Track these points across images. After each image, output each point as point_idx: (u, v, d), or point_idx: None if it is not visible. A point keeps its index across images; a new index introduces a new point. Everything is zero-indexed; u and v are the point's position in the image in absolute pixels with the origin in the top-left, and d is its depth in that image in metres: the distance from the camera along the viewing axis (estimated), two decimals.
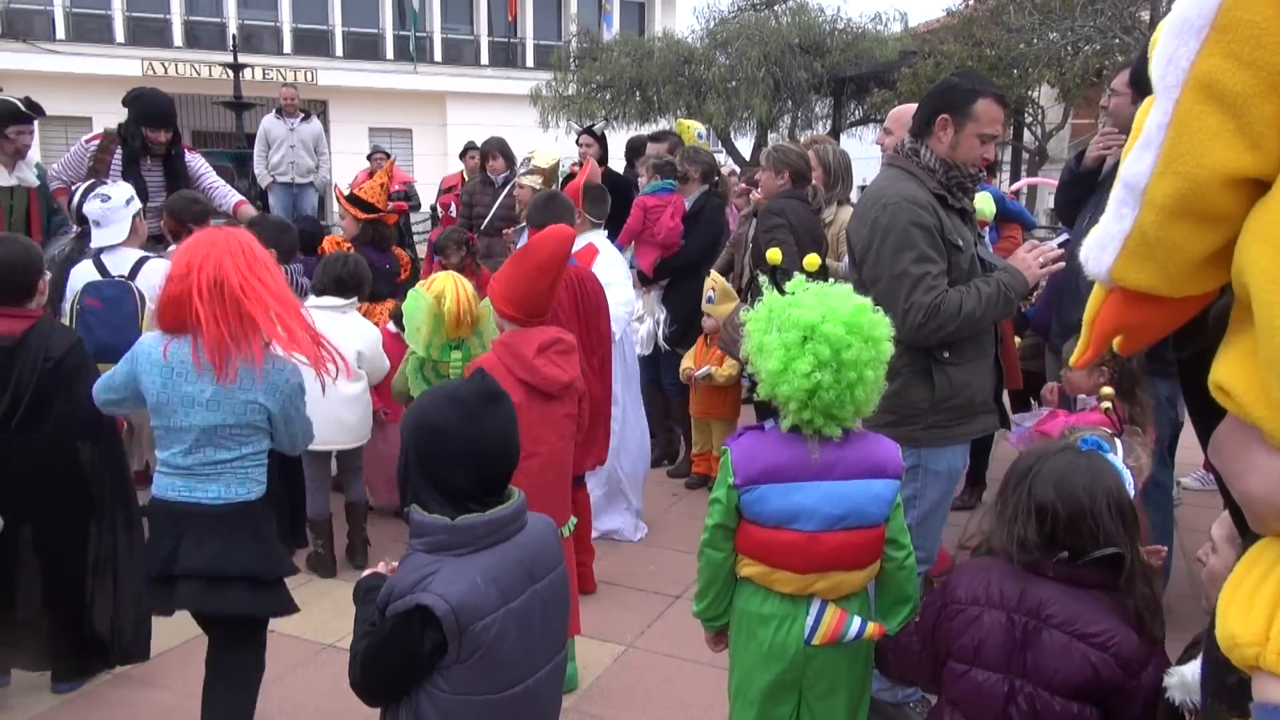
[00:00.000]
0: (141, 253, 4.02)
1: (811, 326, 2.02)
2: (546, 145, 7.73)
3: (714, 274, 5.23)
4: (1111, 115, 3.72)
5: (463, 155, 10.09)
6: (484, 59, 25.97)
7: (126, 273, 4.03)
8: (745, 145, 19.93)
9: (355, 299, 4.42)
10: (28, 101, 5.27)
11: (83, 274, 4.09)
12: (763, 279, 2.26)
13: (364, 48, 24.80)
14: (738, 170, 11.10)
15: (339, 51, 24.42)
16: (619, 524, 4.75)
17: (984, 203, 5.41)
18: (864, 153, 11.80)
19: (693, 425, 5.57)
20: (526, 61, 25.94)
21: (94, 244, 4.13)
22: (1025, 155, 17.55)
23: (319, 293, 4.34)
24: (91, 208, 4.11)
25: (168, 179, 5.56)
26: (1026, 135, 17.39)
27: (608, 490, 4.69)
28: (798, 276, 2.17)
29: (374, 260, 5.14)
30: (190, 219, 4.62)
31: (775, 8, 20.03)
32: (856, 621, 2.18)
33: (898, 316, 2.77)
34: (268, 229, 4.49)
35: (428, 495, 1.80)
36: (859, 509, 2.14)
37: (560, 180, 7.34)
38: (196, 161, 5.79)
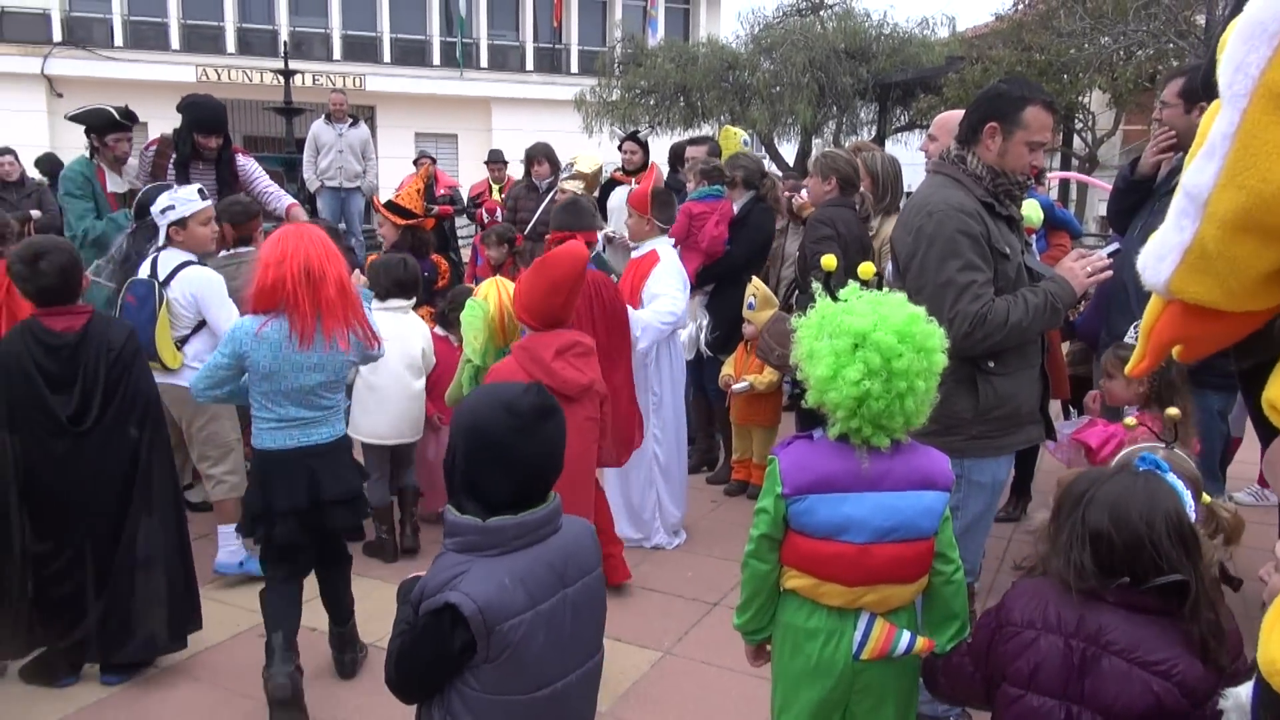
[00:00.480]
0: (188, 257, 4.11)
1: (863, 334, 2.00)
2: (588, 151, 7.77)
3: (755, 280, 5.20)
4: (1167, 129, 3.64)
5: (488, 165, 10.24)
6: (529, 65, 26.15)
7: (164, 275, 4.10)
8: (789, 151, 19.85)
9: (414, 299, 4.60)
10: (124, 111, 5.45)
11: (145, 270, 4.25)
12: (816, 285, 2.24)
13: (411, 54, 25.10)
14: (780, 174, 11.05)
15: (387, 58, 24.75)
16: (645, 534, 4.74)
17: (1031, 210, 5.32)
18: (909, 159, 11.69)
19: (733, 432, 5.55)
20: (571, 67, 26.07)
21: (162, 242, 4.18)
22: (1075, 162, 17.26)
23: (383, 296, 4.47)
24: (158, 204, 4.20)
25: (219, 183, 5.67)
26: (1076, 141, 17.12)
27: (641, 496, 4.68)
28: (851, 284, 2.15)
29: None
30: (231, 219, 4.72)
31: (821, 13, 19.96)
32: (905, 636, 2.14)
33: (942, 325, 2.74)
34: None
35: (465, 495, 1.82)
36: (910, 521, 2.11)
37: (602, 184, 7.38)
38: (249, 165, 5.89)
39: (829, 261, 2.24)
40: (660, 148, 10.38)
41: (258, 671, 3.18)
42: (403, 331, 4.39)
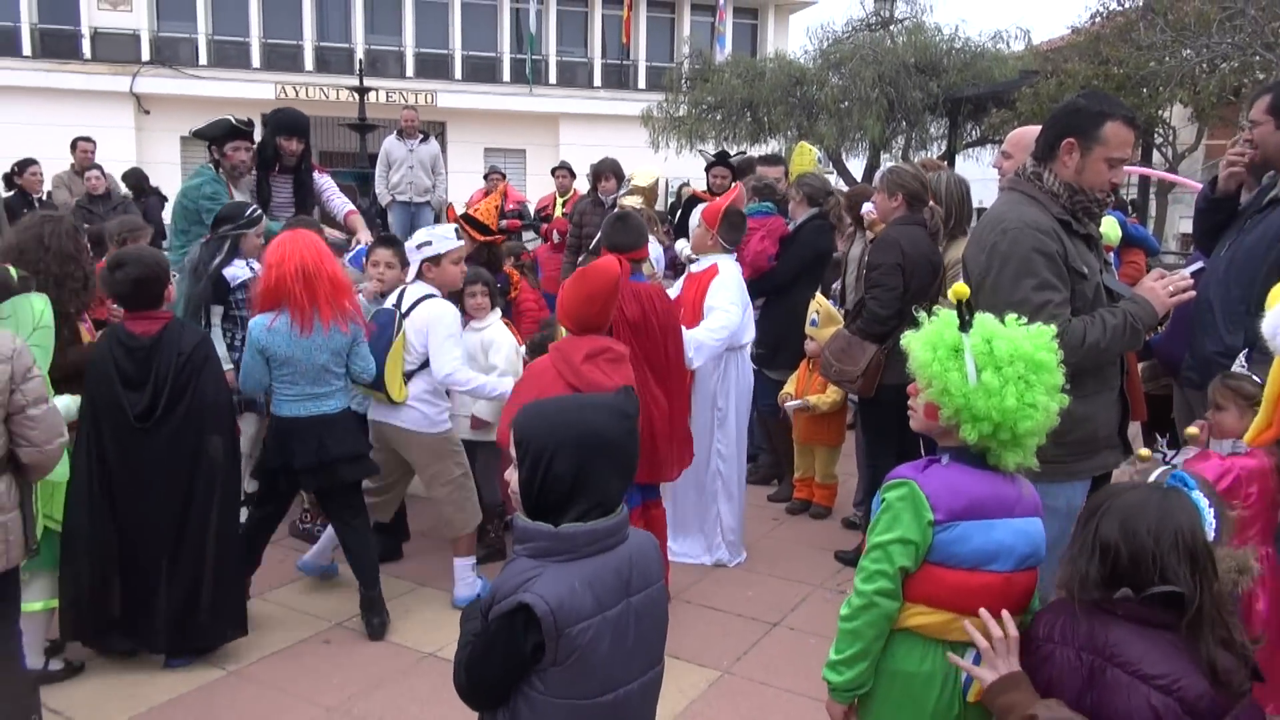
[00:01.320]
0: (432, 291, 4.16)
1: (1029, 357, 2.02)
2: (647, 165, 7.79)
3: (819, 297, 5.13)
4: (1259, 148, 3.45)
5: (554, 173, 10.28)
6: (597, 81, 26.38)
7: (407, 306, 4.17)
8: (857, 167, 19.67)
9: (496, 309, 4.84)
10: (242, 120, 5.68)
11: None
12: (942, 311, 2.15)
13: (482, 71, 25.51)
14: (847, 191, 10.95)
15: (458, 74, 25.18)
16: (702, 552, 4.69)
17: (1109, 227, 5.17)
18: (980, 174, 11.48)
19: (795, 451, 5.48)
20: (639, 83, 26.23)
21: (409, 279, 4.27)
22: (1154, 180, 16.78)
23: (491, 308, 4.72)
24: (415, 238, 4.29)
25: (295, 193, 5.90)
26: (1156, 157, 16.63)
27: (703, 511, 4.65)
28: (983, 316, 2.09)
29: None
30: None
31: (891, 28, 19.77)
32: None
33: None
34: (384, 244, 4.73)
35: (565, 503, 1.80)
36: (1038, 548, 2.09)
37: (684, 201, 7.37)
38: (324, 180, 6.15)
39: (960, 290, 2.17)
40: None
41: (323, 677, 3.23)
42: (504, 336, 4.70)
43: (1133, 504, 1.83)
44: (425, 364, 4.09)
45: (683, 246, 6.77)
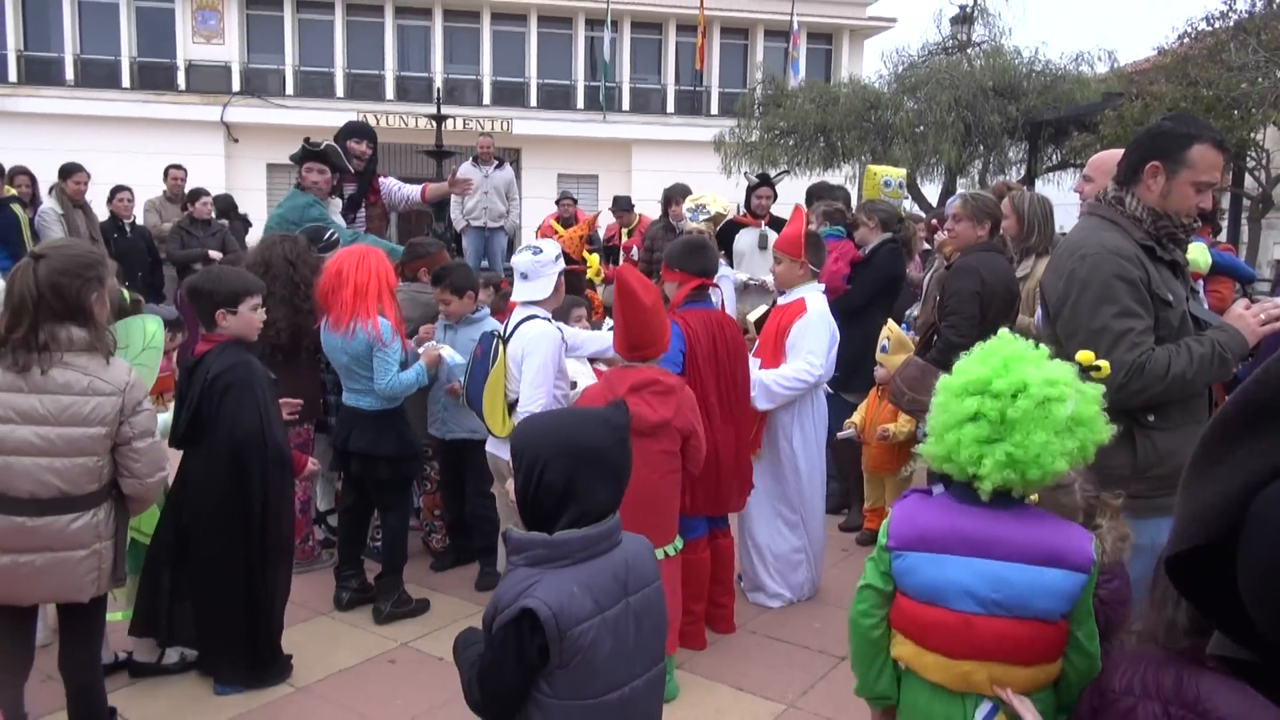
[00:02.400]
0: (535, 311, 3.87)
1: (985, 381, 1.97)
2: (715, 191, 7.78)
3: (890, 324, 5.04)
4: None
5: (613, 210, 10.45)
6: (670, 107, 26.54)
7: (509, 329, 3.98)
8: (932, 191, 19.38)
9: None
10: (314, 143, 5.86)
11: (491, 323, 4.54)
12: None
13: (557, 98, 25.89)
14: (923, 215, 10.79)
15: (533, 102, 25.61)
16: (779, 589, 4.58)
17: (1198, 254, 4.99)
18: (1061, 199, 11.18)
19: (865, 480, 5.38)
20: (711, 109, 26.31)
21: (516, 296, 3.99)
22: (1246, 203, 16.15)
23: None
24: (521, 259, 3.95)
25: (360, 192, 6.20)
26: (1249, 181, 16.02)
27: (775, 542, 4.56)
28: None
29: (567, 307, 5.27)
30: (413, 258, 5.03)
31: (968, 51, 19.49)
32: None
33: None
34: (452, 271, 4.70)
35: (556, 511, 1.89)
36: (1019, 598, 1.93)
37: (721, 225, 7.34)
38: (388, 181, 6.46)
39: (1085, 356, 2.13)
40: (798, 188, 10.31)
41: (387, 696, 3.25)
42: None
43: None
44: None
45: (727, 271, 6.75)
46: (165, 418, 3.61)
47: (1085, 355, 2.12)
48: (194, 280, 3.62)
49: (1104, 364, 2.18)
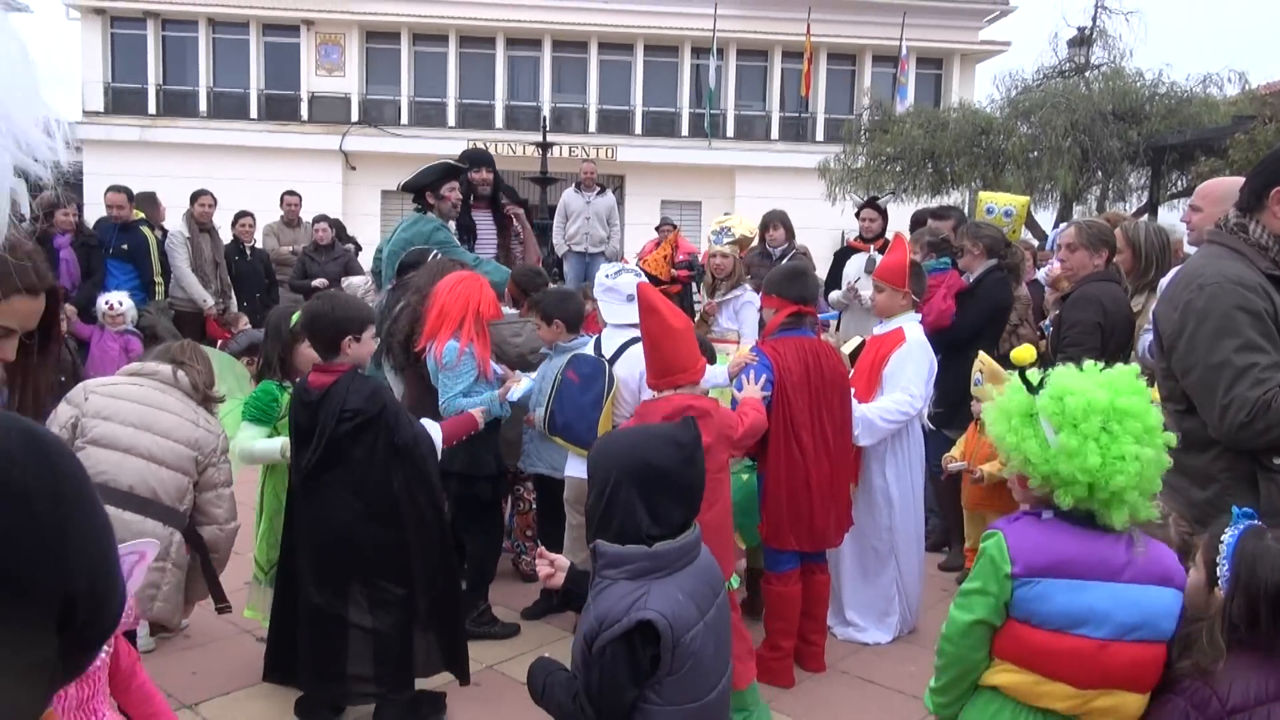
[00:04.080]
0: (635, 334, 3.80)
1: (1108, 407, 1.93)
2: (741, 214, 7.77)
3: (982, 355, 4.83)
4: None
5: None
6: (774, 134, 26.48)
7: (611, 354, 4.00)
8: (1046, 219, 18.73)
9: None
10: (460, 161, 6.08)
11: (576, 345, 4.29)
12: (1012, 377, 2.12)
13: (662, 125, 26.14)
14: (1035, 244, 10.41)
15: (638, 129, 25.91)
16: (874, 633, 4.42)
17: None
18: None
19: (966, 518, 5.16)
20: (816, 135, 26.13)
21: (617, 319, 4.04)
22: None
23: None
24: (626, 281, 4.01)
25: (496, 223, 6.46)
26: None
27: (875, 581, 4.41)
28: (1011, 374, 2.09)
29: None
30: (531, 289, 5.05)
31: (1086, 74, 18.82)
32: None
33: (1214, 412, 2.41)
34: (541, 299, 4.66)
35: (637, 527, 1.93)
36: (1153, 620, 1.88)
37: (837, 250, 7.22)
38: (519, 213, 6.67)
39: (1025, 354, 2.13)
40: (903, 214, 10.09)
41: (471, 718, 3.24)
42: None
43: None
44: None
45: (834, 298, 6.61)
46: (270, 445, 3.64)
47: (1021, 354, 2.12)
48: (319, 307, 3.44)
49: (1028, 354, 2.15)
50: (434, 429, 3.58)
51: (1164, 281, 3.59)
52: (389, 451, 3.28)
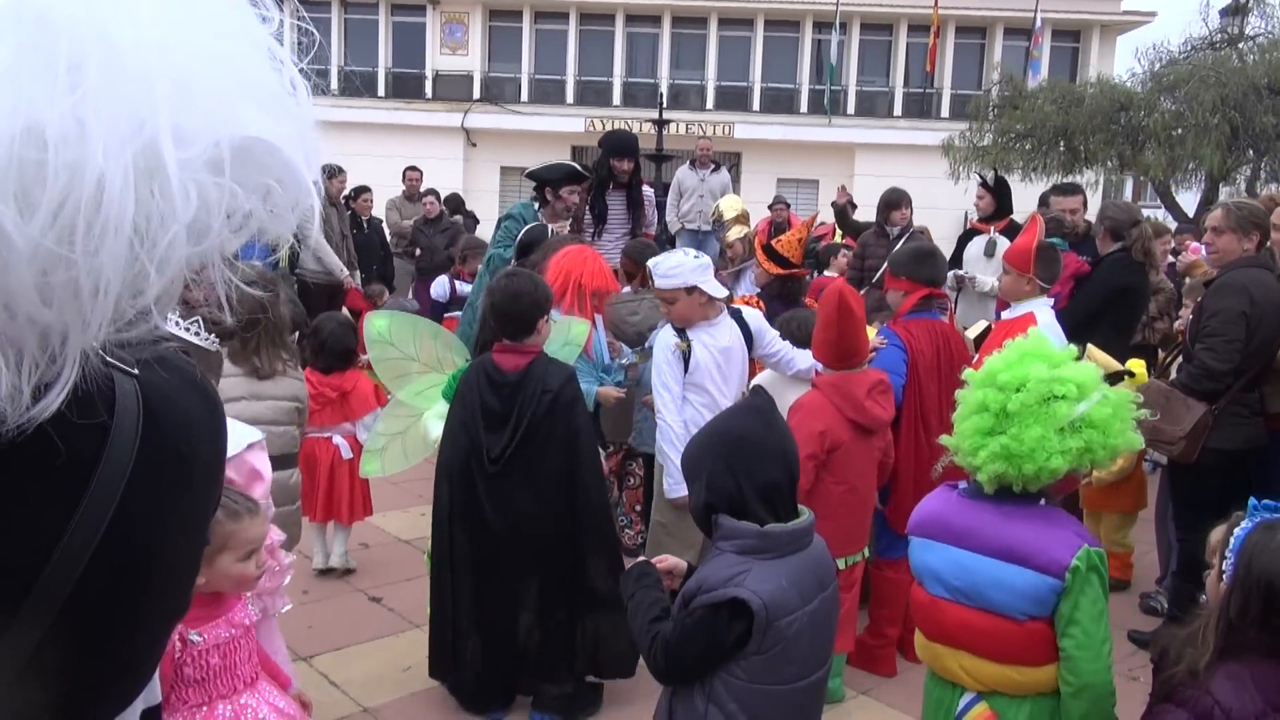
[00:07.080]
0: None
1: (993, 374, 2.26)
2: (733, 197, 7.75)
3: (1090, 346, 4.57)
4: None
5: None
6: (897, 110, 25.74)
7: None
8: (1188, 201, 17.66)
9: None
10: (586, 168, 6.14)
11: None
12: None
13: (780, 102, 25.74)
14: (1177, 226, 9.84)
15: (756, 106, 25.58)
16: None
17: None
18: None
19: (1084, 517, 4.92)
20: (941, 112, 25.26)
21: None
22: None
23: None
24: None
25: (628, 209, 6.35)
26: None
27: None
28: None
29: (778, 313, 5.05)
30: (644, 262, 5.01)
31: (1240, 45, 17.59)
32: None
33: None
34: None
35: (744, 502, 1.96)
36: (977, 588, 2.13)
37: (961, 233, 6.95)
38: (649, 191, 6.64)
39: (1108, 363, 2.21)
40: (1032, 194, 9.67)
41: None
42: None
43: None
44: None
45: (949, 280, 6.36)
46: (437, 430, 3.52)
47: (1102, 358, 2.13)
48: (521, 286, 3.27)
49: (1138, 367, 2.18)
50: None
51: None
52: (570, 434, 3.23)
